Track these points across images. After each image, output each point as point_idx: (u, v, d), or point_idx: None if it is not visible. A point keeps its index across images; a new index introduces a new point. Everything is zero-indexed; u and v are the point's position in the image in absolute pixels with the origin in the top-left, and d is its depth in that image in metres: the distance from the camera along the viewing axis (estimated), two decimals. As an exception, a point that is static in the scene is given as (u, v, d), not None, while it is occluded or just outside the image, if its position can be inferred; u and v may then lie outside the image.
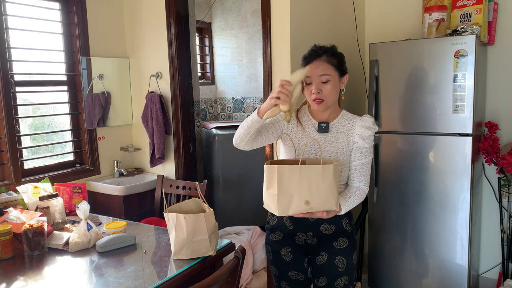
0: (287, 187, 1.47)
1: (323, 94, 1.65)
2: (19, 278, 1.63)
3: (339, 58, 1.69)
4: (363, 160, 1.70)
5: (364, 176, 1.71)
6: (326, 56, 1.67)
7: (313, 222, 1.71)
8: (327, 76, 1.65)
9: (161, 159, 3.04)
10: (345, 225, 1.73)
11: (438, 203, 2.56)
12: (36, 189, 2.24)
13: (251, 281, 2.89)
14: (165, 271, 1.61)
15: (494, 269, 2.93)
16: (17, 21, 2.56)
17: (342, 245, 1.72)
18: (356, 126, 1.70)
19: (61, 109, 2.92)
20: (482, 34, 2.63)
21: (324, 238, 1.72)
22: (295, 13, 2.46)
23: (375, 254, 2.85)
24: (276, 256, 1.80)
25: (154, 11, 3.03)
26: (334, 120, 1.74)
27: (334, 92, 1.67)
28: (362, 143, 1.68)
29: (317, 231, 1.72)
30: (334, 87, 1.67)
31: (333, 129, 1.73)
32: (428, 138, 2.57)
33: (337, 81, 1.68)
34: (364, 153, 1.70)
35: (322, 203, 1.50)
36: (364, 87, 3.18)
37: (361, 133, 1.68)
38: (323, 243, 1.73)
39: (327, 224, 1.71)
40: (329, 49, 1.69)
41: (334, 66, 1.66)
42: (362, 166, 1.70)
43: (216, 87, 4.88)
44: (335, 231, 1.71)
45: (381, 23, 3.22)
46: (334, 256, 1.71)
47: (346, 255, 1.72)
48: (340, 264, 1.71)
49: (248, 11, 4.52)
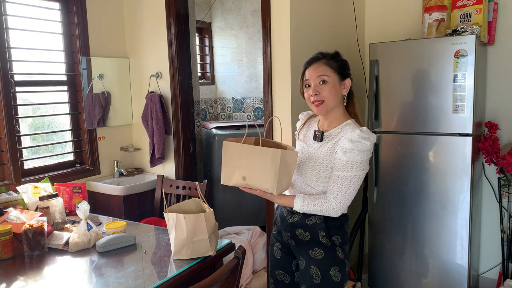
0: (229, 161, 1.62)
1: (321, 95, 1.64)
2: (19, 278, 1.63)
3: (340, 62, 1.69)
4: (339, 172, 1.59)
5: (335, 189, 1.59)
6: (326, 59, 1.67)
7: (290, 223, 1.70)
8: (325, 77, 1.64)
9: (161, 159, 3.04)
10: (321, 237, 1.64)
11: (438, 203, 2.56)
12: (36, 189, 2.24)
13: (251, 281, 2.88)
14: (165, 271, 1.61)
15: (494, 269, 2.93)
16: (17, 21, 2.56)
17: (318, 256, 1.65)
18: (343, 137, 1.62)
19: (61, 109, 2.92)
20: (482, 34, 2.63)
21: (300, 243, 1.70)
22: (295, 13, 2.46)
23: (375, 254, 2.85)
24: (271, 249, 1.86)
25: (154, 11, 3.03)
26: (333, 129, 1.69)
27: (333, 94, 1.65)
28: (341, 156, 1.58)
29: (293, 233, 1.70)
30: (334, 88, 1.65)
31: (327, 138, 1.68)
32: (428, 138, 2.57)
33: (337, 83, 1.66)
34: (343, 166, 1.58)
35: (256, 182, 1.60)
36: (364, 87, 3.18)
37: (343, 145, 1.59)
38: (300, 248, 1.70)
39: (302, 230, 1.67)
40: (329, 54, 1.70)
41: (333, 68, 1.66)
42: (337, 179, 1.59)
43: (216, 87, 4.88)
44: (311, 239, 1.66)
45: (381, 23, 3.22)
46: (310, 265, 1.66)
47: (321, 268, 1.64)
48: (314, 275, 1.64)
49: (248, 11, 4.52)
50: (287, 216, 1.73)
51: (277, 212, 1.85)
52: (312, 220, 1.66)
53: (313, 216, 1.66)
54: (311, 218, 1.66)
